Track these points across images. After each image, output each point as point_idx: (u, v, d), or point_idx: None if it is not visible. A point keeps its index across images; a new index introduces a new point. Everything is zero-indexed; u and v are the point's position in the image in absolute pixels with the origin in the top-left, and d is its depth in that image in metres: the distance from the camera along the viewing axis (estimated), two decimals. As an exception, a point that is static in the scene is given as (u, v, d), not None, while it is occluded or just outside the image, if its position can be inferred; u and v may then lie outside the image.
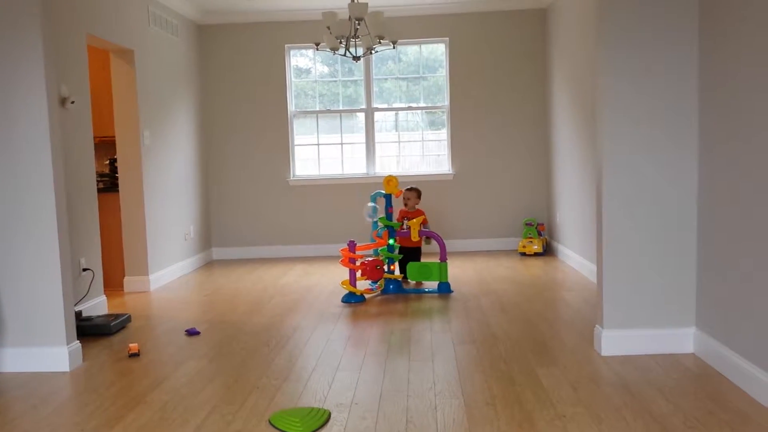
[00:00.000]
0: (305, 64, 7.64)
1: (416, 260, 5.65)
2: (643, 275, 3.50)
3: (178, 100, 6.64)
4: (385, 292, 5.32)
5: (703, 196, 3.39)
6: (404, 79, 7.51)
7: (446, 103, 7.39)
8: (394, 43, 5.55)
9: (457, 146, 7.36)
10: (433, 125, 7.56)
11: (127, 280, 5.78)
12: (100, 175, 5.94)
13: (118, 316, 4.46)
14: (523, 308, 4.67)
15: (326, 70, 7.60)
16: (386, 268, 5.41)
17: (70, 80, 4.67)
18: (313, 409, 2.89)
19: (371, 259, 5.25)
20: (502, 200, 7.37)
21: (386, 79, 7.54)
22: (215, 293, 5.63)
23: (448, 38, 7.28)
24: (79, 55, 4.82)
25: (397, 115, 7.54)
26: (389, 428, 2.70)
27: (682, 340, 3.50)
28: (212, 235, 7.52)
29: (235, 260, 7.39)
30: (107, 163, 6.15)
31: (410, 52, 7.50)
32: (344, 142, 7.56)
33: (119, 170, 5.70)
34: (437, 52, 7.47)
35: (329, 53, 6.16)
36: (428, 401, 2.98)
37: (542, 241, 6.95)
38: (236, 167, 7.48)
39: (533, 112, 7.28)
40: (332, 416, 2.84)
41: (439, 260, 5.31)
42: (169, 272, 6.20)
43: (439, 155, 7.52)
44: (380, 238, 5.40)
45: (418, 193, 5.84)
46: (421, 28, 7.24)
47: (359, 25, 5.28)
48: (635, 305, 3.52)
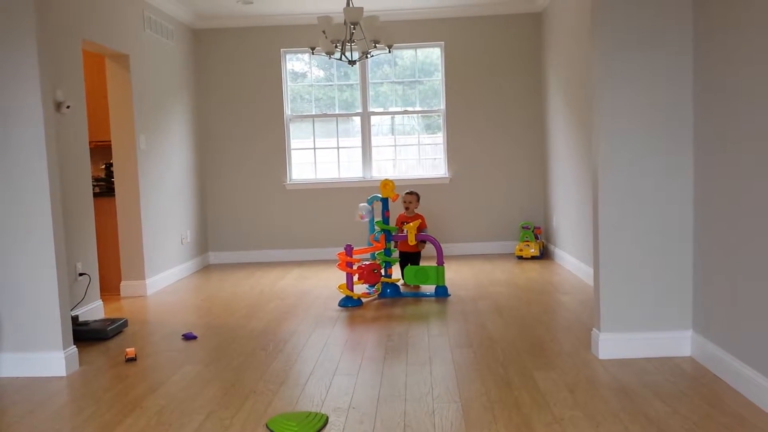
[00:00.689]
0: (301, 68, 7.65)
1: (416, 264, 5.66)
2: (640, 278, 3.51)
3: (173, 104, 6.64)
4: (382, 296, 5.32)
5: (699, 199, 3.40)
6: (400, 83, 7.52)
7: (442, 106, 7.40)
8: (389, 47, 5.55)
9: (453, 150, 7.36)
10: (429, 129, 7.57)
11: (123, 284, 5.76)
12: (96, 179, 5.93)
13: (114, 320, 4.45)
14: (520, 312, 4.67)
15: (322, 74, 7.61)
16: (383, 271, 5.41)
17: (65, 85, 4.66)
18: (310, 413, 2.88)
19: (368, 262, 5.25)
20: (498, 204, 7.37)
21: (382, 83, 7.55)
22: (212, 297, 5.62)
23: (443, 42, 7.29)
24: (74, 59, 4.82)
25: (393, 118, 7.55)
26: (387, 432, 2.70)
27: (679, 343, 3.51)
28: (209, 239, 7.51)
29: (231, 264, 7.37)
30: (103, 167, 6.14)
31: (406, 56, 7.51)
32: (340, 146, 7.56)
33: (115, 175, 5.69)
34: (433, 56, 7.48)
35: (325, 57, 6.17)
36: (426, 405, 2.97)
37: (539, 244, 6.96)
38: (232, 171, 7.47)
39: (529, 115, 7.30)
40: (330, 421, 2.84)
41: (436, 264, 5.31)
42: (165, 276, 6.19)
43: (435, 159, 7.53)
44: (377, 241, 5.40)
45: (417, 196, 5.85)
46: (416, 32, 7.25)
47: (355, 29, 5.29)
48: (632, 308, 3.52)
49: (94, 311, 4.91)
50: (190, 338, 4.25)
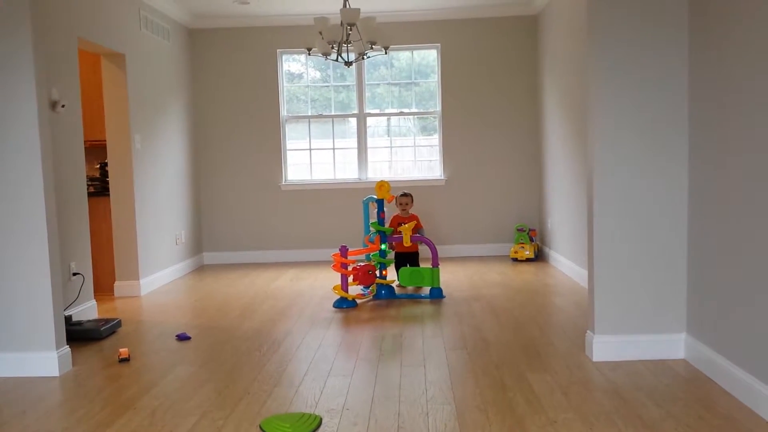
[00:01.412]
0: (297, 69, 7.64)
1: (415, 265, 5.67)
2: (634, 281, 3.52)
3: (169, 104, 6.62)
4: (377, 297, 5.31)
5: (693, 202, 3.41)
6: (396, 84, 7.53)
7: (438, 108, 7.41)
8: (386, 48, 5.55)
9: (448, 152, 7.37)
10: (425, 131, 7.58)
11: (117, 284, 5.74)
12: (90, 179, 5.91)
13: (108, 320, 4.44)
14: (514, 314, 4.68)
15: (318, 75, 7.60)
16: (378, 273, 5.41)
17: (60, 84, 4.65)
18: (304, 414, 2.87)
19: (363, 264, 5.24)
20: (493, 206, 7.38)
21: (378, 84, 7.55)
22: (206, 298, 5.61)
23: (440, 44, 7.30)
24: (69, 58, 4.80)
25: (389, 120, 7.55)
26: (381, 434, 2.70)
27: (673, 345, 3.52)
28: (203, 239, 7.50)
29: (226, 265, 7.36)
30: (98, 167, 6.12)
31: (402, 57, 7.52)
32: (336, 147, 7.56)
33: (110, 174, 5.67)
34: (429, 57, 7.49)
35: (321, 58, 6.17)
36: (420, 407, 2.97)
37: (534, 246, 6.97)
38: (228, 172, 7.46)
39: (525, 117, 7.31)
40: (323, 422, 2.83)
41: (431, 265, 5.32)
42: (159, 277, 6.17)
43: (431, 161, 7.53)
44: (372, 243, 5.40)
45: (411, 198, 5.86)
46: (413, 33, 7.26)
47: (351, 30, 5.29)
48: (626, 311, 3.53)
49: (87, 311, 4.89)
50: (183, 339, 4.24)
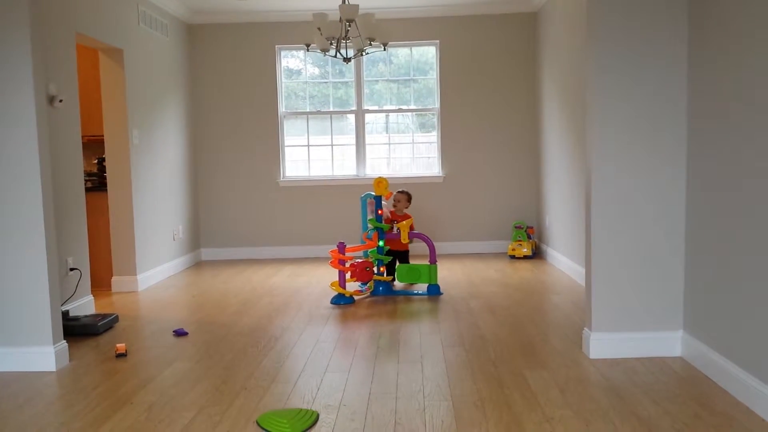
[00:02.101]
0: (296, 65, 7.63)
1: (405, 262, 5.66)
2: (631, 279, 3.52)
3: (167, 99, 6.61)
4: (374, 293, 5.32)
5: (690, 201, 3.41)
6: (395, 81, 7.52)
7: (437, 105, 7.40)
8: (384, 45, 5.55)
9: (447, 149, 7.37)
10: (423, 127, 7.57)
11: (114, 279, 5.74)
12: (88, 174, 5.91)
13: (105, 316, 4.43)
14: (512, 311, 4.68)
15: (317, 71, 7.59)
16: (376, 269, 5.41)
17: (58, 79, 4.63)
18: (301, 410, 2.88)
19: (361, 260, 5.24)
20: (491, 203, 7.38)
21: (377, 80, 7.54)
22: (204, 294, 5.60)
23: (438, 41, 7.29)
24: (67, 53, 4.79)
25: (387, 117, 7.55)
26: (377, 430, 2.70)
27: (669, 343, 3.52)
28: (201, 235, 7.49)
29: (224, 261, 7.36)
30: (95, 162, 6.12)
31: (401, 54, 7.51)
32: (334, 143, 7.55)
33: (107, 169, 5.66)
34: (428, 54, 7.48)
35: (320, 54, 6.16)
36: (417, 403, 2.97)
37: (531, 244, 6.97)
38: (226, 168, 7.45)
39: (523, 115, 7.31)
40: (320, 418, 2.83)
41: (428, 262, 5.32)
42: (157, 272, 6.17)
43: (429, 157, 7.53)
44: (370, 239, 5.40)
45: (408, 197, 5.85)
46: (411, 30, 7.25)
47: (350, 26, 5.28)
48: (623, 308, 3.53)
49: (84, 306, 4.89)
50: (181, 334, 4.24)
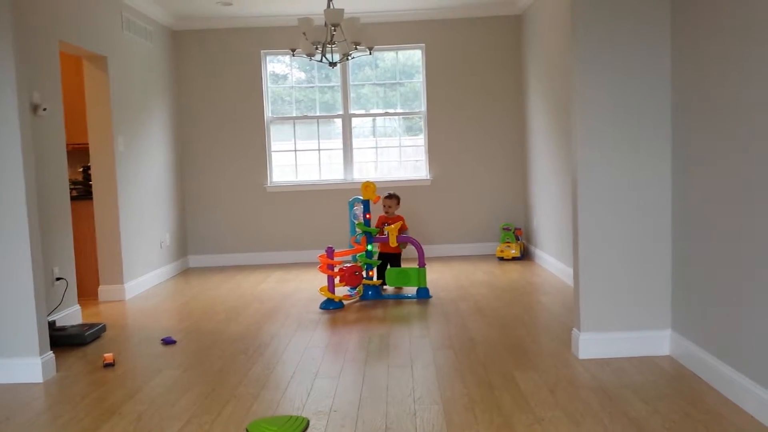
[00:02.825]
0: (282, 70, 7.62)
1: (397, 266, 5.66)
2: (619, 278, 3.53)
3: (152, 106, 6.58)
4: (363, 298, 5.31)
5: (677, 201, 3.43)
6: (381, 85, 7.52)
7: (423, 108, 7.41)
8: (370, 49, 5.55)
9: (434, 152, 7.38)
10: (410, 131, 7.58)
11: (101, 289, 5.69)
12: (73, 182, 5.86)
13: (92, 325, 4.39)
14: (501, 312, 4.69)
15: (303, 76, 7.59)
16: (365, 274, 5.40)
17: (42, 87, 4.59)
18: (291, 417, 2.86)
19: (350, 265, 5.23)
20: (479, 205, 7.40)
21: (363, 85, 7.54)
22: (192, 301, 5.57)
23: (424, 44, 7.30)
24: (51, 61, 4.75)
25: (374, 120, 7.55)
26: (368, 435, 2.69)
27: (658, 342, 3.54)
28: (188, 242, 7.45)
29: (211, 268, 7.32)
30: (80, 170, 6.07)
31: (387, 58, 7.51)
32: (321, 148, 7.54)
33: (93, 178, 5.62)
34: (414, 58, 7.49)
35: (306, 59, 6.15)
36: (407, 407, 2.97)
37: (520, 245, 6.99)
38: (212, 174, 7.42)
39: (509, 117, 7.33)
40: (311, 424, 2.82)
41: (417, 266, 5.32)
42: (144, 280, 6.13)
43: (416, 161, 7.53)
44: (358, 244, 5.39)
45: (397, 199, 5.85)
46: (397, 34, 7.26)
47: (335, 31, 5.28)
48: (611, 308, 3.55)
49: (71, 316, 4.84)
50: (169, 343, 4.21)
